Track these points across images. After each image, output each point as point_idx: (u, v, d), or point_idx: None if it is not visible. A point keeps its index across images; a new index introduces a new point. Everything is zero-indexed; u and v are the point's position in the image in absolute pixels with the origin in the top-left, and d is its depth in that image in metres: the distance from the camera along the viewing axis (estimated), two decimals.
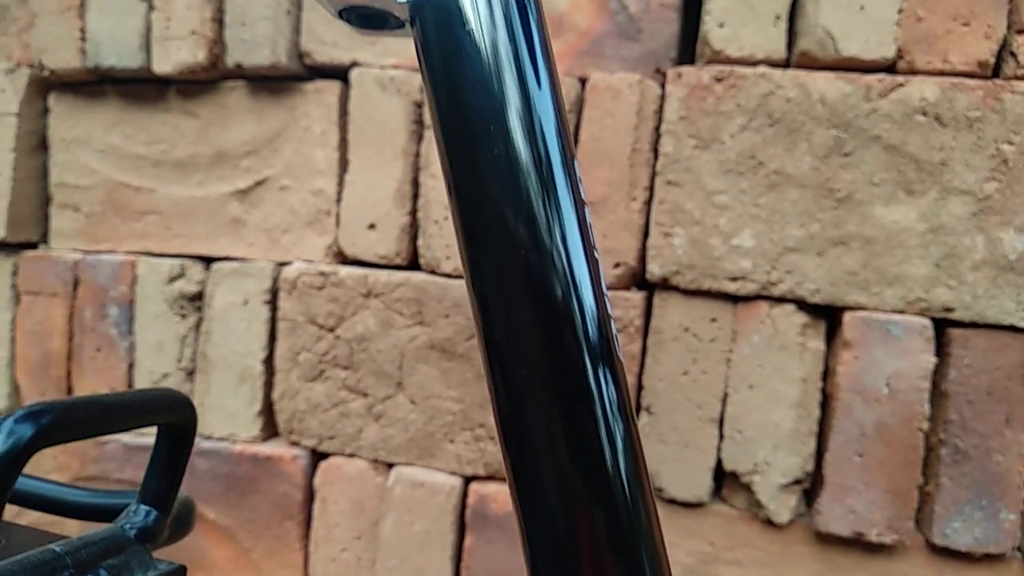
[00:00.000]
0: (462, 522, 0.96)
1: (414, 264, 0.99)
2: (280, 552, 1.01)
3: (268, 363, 1.02)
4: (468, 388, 0.95)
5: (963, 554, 0.84)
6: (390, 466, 0.98)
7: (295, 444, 1.01)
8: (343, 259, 1.01)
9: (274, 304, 1.01)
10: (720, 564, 0.90)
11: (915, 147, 0.82)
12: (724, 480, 0.91)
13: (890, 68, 0.84)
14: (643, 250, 0.91)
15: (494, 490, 0.94)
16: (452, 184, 0.27)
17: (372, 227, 0.98)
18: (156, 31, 1.01)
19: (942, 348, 0.84)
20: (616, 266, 0.91)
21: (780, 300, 0.87)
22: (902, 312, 0.84)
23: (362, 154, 0.98)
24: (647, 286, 0.92)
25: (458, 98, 0.27)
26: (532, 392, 0.25)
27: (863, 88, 0.83)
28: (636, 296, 0.91)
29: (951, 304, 0.83)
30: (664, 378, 0.90)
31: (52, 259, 1.08)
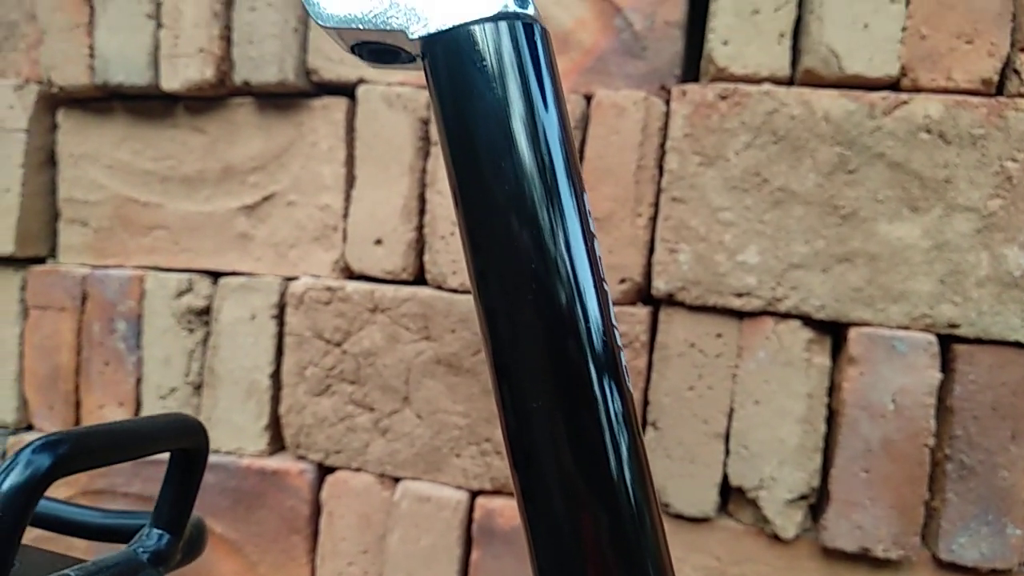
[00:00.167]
0: (468, 537, 0.96)
1: (420, 279, 0.99)
2: (287, 566, 1.01)
3: (275, 377, 1.02)
4: (474, 403, 0.95)
5: (969, 569, 0.85)
6: (396, 480, 0.99)
7: (302, 458, 1.01)
8: (350, 274, 1.02)
9: (281, 319, 1.02)
10: None
11: (919, 164, 0.83)
12: (730, 495, 0.91)
13: (894, 86, 0.85)
14: (648, 266, 0.91)
15: (500, 505, 0.94)
16: (463, 216, 0.28)
17: (379, 242, 0.99)
18: (164, 48, 1.02)
19: (947, 364, 0.85)
20: (622, 282, 0.91)
21: (785, 316, 0.87)
22: (907, 328, 0.84)
23: (369, 170, 0.99)
24: (652, 301, 0.93)
25: (469, 134, 0.28)
26: (539, 404, 0.26)
27: (867, 106, 0.83)
28: (642, 311, 0.91)
29: (956, 320, 0.83)
30: (670, 393, 0.90)
31: (60, 274, 1.09)
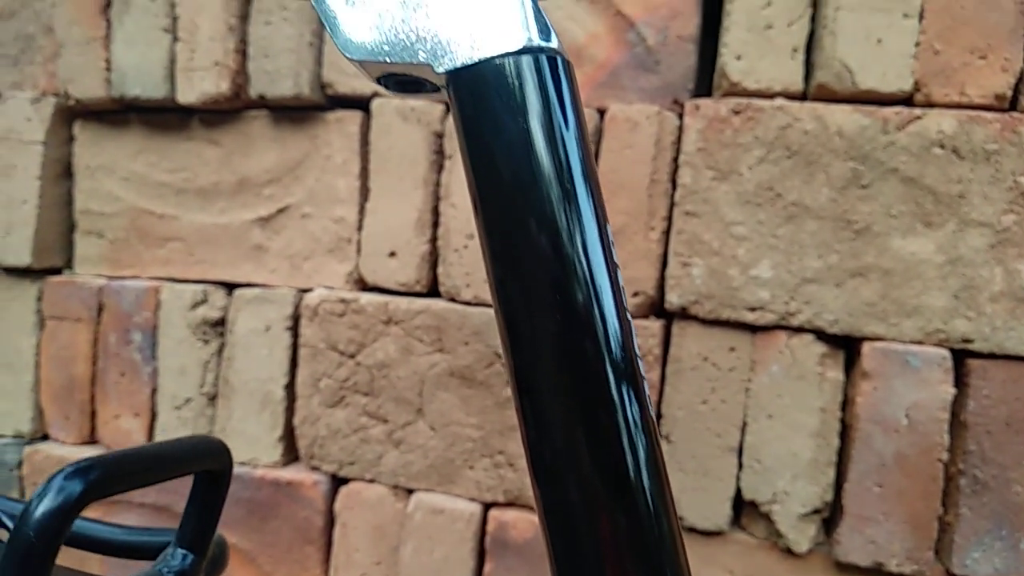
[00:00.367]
0: (482, 549, 0.96)
1: (434, 291, 1.00)
2: None
3: (289, 389, 1.03)
4: (487, 415, 0.96)
5: None
6: (410, 492, 0.99)
7: (316, 469, 1.02)
8: (364, 286, 1.02)
9: (296, 330, 1.03)
10: None
11: (933, 179, 0.83)
12: (743, 509, 0.92)
13: (907, 101, 0.85)
14: (662, 279, 0.92)
15: (513, 517, 0.95)
16: (487, 244, 0.28)
17: (392, 255, 0.99)
18: (180, 62, 1.03)
19: (961, 379, 0.85)
20: (635, 295, 0.92)
21: (799, 330, 0.87)
22: (921, 343, 0.84)
23: (383, 183, 1.00)
24: (665, 315, 0.93)
25: (494, 164, 0.28)
26: (558, 407, 0.26)
27: (880, 121, 0.84)
28: (655, 325, 0.91)
29: (970, 335, 0.83)
30: (683, 407, 0.90)
31: (77, 285, 1.10)
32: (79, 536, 0.50)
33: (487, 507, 0.97)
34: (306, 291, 1.03)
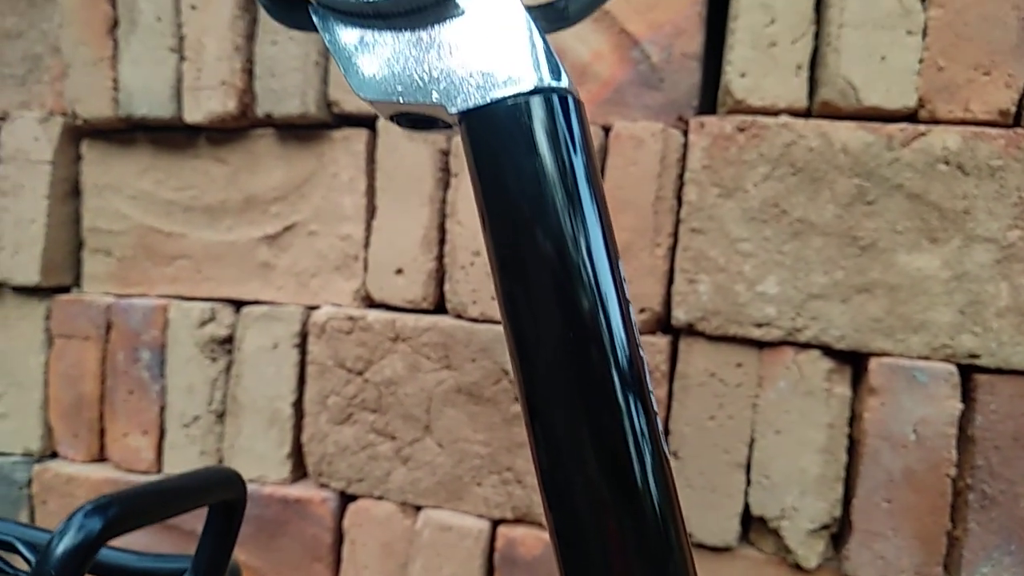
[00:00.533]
0: (490, 566, 0.97)
1: (441, 308, 1.00)
2: None
3: (297, 406, 1.03)
4: (495, 432, 0.96)
5: None
6: (418, 509, 0.99)
7: (324, 486, 1.02)
8: (371, 303, 1.03)
9: (303, 348, 1.03)
10: None
11: (938, 195, 0.83)
12: (752, 525, 0.92)
13: (911, 117, 0.86)
14: (668, 295, 0.92)
15: (522, 533, 0.95)
16: (498, 279, 0.29)
17: (399, 272, 1.00)
18: (187, 81, 1.03)
19: (968, 394, 0.85)
20: (641, 311, 0.92)
21: (805, 346, 0.87)
22: (927, 358, 0.85)
23: (389, 200, 1.00)
24: (672, 331, 0.93)
25: (506, 201, 0.29)
26: (566, 420, 0.27)
27: (885, 137, 0.84)
28: (661, 341, 0.92)
29: (976, 351, 0.83)
30: (691, 423, 0.91)
31: (85, 303, 1.10)
32: (97, 563, 0.51)
33: (495, 524, 0.97)
34: (313, 308, 1.03)
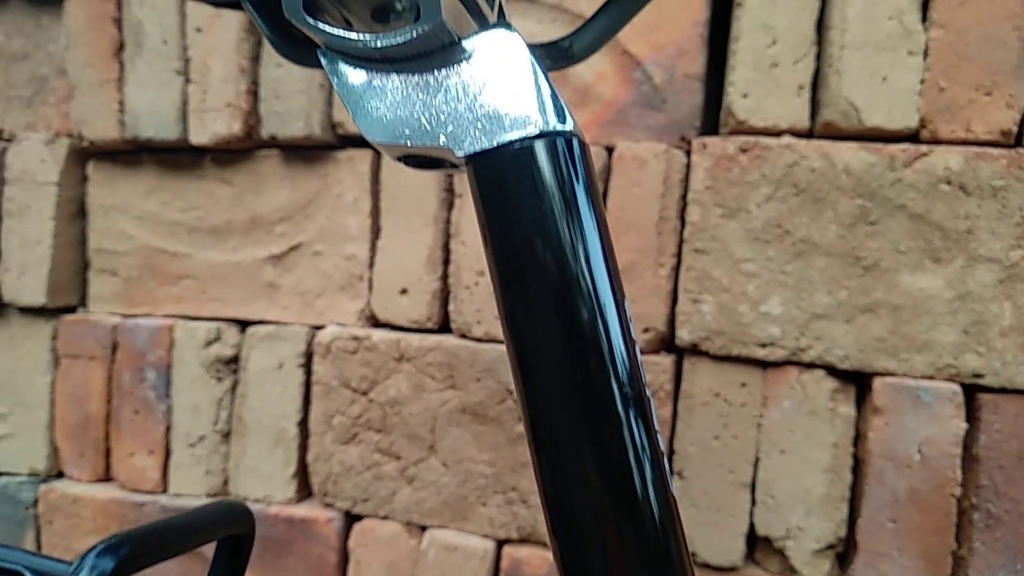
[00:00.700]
0: None
1: (445, 328, 1.00)
2: None
3: (303, 426, 1.04)
4: (500, 451, 0.96)
5: None
6: (423, 529, 1.00)
7: (329, 506, 1.03)
8: (375, 323, 1.03)
9: (308, 367, 1.03)
10: None
11: (940, 216, 0.84)
12: (757, 544, 0.92)
13: (913, 138, 0.86)
14: (672, 315, 0.92)
15: (527, 553, 0.95)
16: (504, 312, 0.29)
17: (404, 292, 1.00)
18: (193, 103, 1.04)
19: (972, 413, 0.85)
20: (645, 331, 0.92)
21: (809, 366, 0.88)
22: (931, 378, 0.85)
23: (394, 221, 1.01)
24: (676, 350, 0.93)
25: (512, 240, 0.30)
26: (567, 431, 0.28)
27: (887, 158, 0.84)
28: (666, 360, 0.92)
29: (980, 370, 0.83)
30: (695, 443, 0.91)
31: (91, 323, 1.11)
32: None
33: (500, 544, 0.97)
34: (318, 328, 1.03)
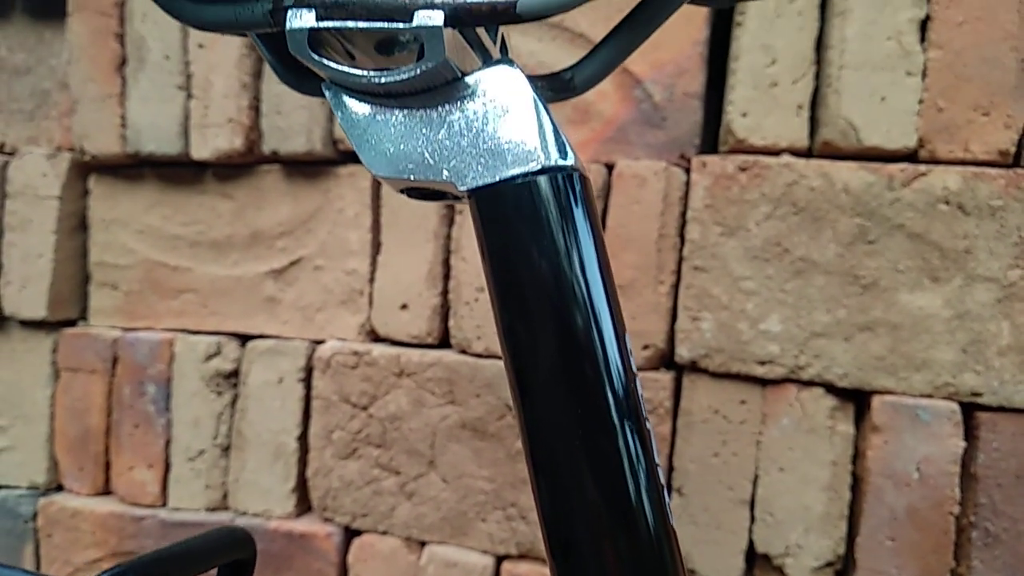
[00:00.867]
0: None
1: (445, 343, 1.01)
2: None
3: (302, 440, 1.04)
4: (500, 467, 0.96)
5: None
6: (423, 544, 1.00)
7: (329, 521, 1.03)
8: (376, 338, 1.03)
9: (308, 382, 1.04)
10: None
11: (939, 235, 0.84)
12: (756, 562, 0.92)
13: (912, 157, 0.86)
14: (671, 332, 0.93)
15: (526, 570, 0.95)
16: (508, 355, 0.30)
17: (404, 307, 1.00)
18: (195, 119, 1.04)
19: (970, 432, 0.85)
20: (645, 348, 0.92)
21: (808, 384, 0.88)
22: (930, 397, 0.85)
23: (394, 236, 1.01)
24: (675, 367, 0.94)
25: (514, 272, 0.30)
26: (563, 442, 0.28)
27: (886, 177, 0.85)
28: (665, 377, 0.92)
29: (979, 389, 0.84)
30: (695, 460, 0.91)
31: (91, 337, 1.11)
32: None
33: (500, 560, 0.97)
34: (319, 343, 1.04)
